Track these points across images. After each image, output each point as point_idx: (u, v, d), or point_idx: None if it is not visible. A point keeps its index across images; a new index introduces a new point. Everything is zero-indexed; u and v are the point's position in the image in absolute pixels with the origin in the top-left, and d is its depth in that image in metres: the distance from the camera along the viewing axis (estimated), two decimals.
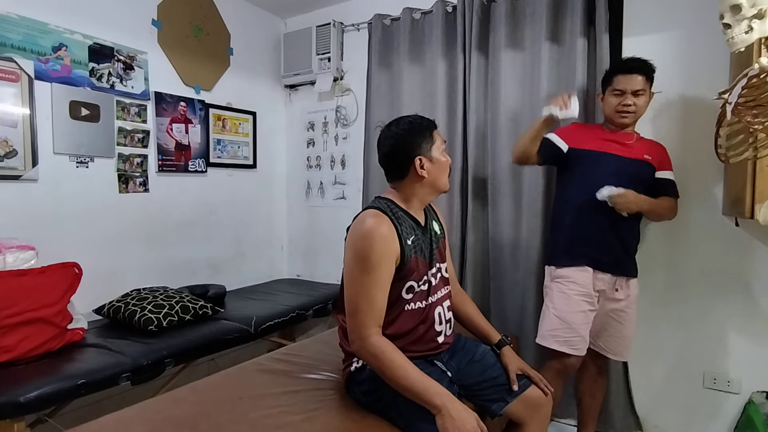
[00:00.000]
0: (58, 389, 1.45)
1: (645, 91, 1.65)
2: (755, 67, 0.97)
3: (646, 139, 1.77)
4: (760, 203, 1.45)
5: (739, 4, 1.01)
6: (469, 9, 2.25)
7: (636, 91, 1.64)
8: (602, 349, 1.76)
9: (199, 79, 2.59)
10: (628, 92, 1.65)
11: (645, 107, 1.69)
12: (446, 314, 1.33)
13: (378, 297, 1.16)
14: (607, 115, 1.73)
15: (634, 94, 1.64)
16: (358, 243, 1.17)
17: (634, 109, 1.66)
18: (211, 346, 1.92)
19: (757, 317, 1.80)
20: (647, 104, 1.69)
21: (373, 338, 1.14)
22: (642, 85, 1.64)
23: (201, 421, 1.15)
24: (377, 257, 1.15)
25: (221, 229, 2.75)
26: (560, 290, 1.70)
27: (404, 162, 1.27)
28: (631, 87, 1.64)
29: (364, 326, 1.15)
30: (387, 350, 1.13)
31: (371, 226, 1.17)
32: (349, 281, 1.19)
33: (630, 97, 1.65)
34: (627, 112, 1.66)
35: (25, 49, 1.88)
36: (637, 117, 1.70)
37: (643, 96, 1.65)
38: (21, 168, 1.88)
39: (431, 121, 1.33)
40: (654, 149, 1.73)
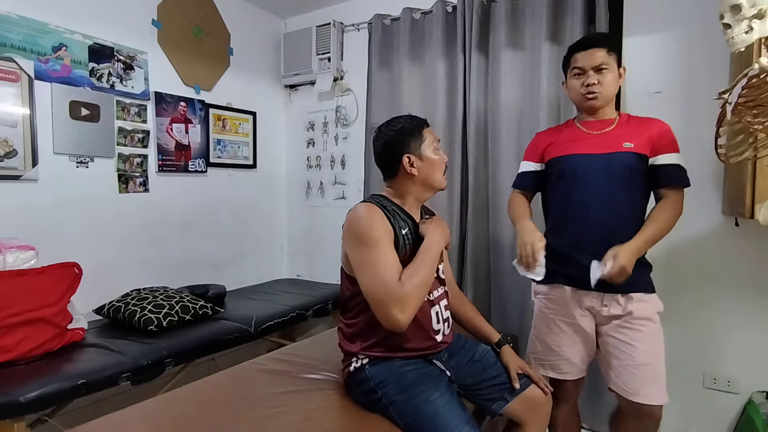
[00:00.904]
0: (58, 389, 1.45)
1: (609, 67, 1.42)
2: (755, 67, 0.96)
3: (636, 118, 1.49)
4: (760, 203, 1.45)
5: (739, 4, 1.01)
6: (469, 9, 2.25)
7: (598, 67, 1.41)
8: (618, 386, 1.41)
9: (199, 79, 2.59)
10: (589, 69, 1.42)
11: (614, 85, 1.45)
12: (443, 313, 1.33)
13: (392, 261, 1.17)
14: (574, 100, 1.52)
15: (597, 70, 1.42)
16: (356, 225, 1.20)
17: (599, 89, 1.42)
18: (211, 346, 1.92)
19: (757, 317, 1.80)
20: (617, 82, 1.45)
21: (402, 287, 1.13)
22: (604, 59, 1.41)
23: (201, 421, 1.15)
24: (378, 233, 1.18)
25: (221, 229, 2.75)
26: (539, 308, 1.57)
27: (394, 161, 1.30)
28: (590, 63, 1.42)
29: (393, 287, 1.12)
30: (410, 286, 1.13)
31: (364, 210, 1.21)
32: (360, 265, 1.18)
33: (592, 75, 1.42)
34: (592, 92, 1.43)
35: (25, 49, 1.88)
36: (606, 97, 1.45)
37: (607, 71, 1.42)
38: (21, 168, 1.88)
39: (422, 119, 1.35)
40: (641, 131, 1.43)
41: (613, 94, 1.46)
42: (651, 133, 1.41)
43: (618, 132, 1.45)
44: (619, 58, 1.47)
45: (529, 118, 2.14)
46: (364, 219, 1.19)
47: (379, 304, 1.13)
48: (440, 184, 1.34)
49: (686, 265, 1.94)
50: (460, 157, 2.31)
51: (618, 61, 1.45)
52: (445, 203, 2.34)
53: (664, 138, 1.41)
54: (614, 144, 1.42)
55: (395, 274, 1.14)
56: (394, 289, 1.12)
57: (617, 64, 1.44)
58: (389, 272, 1.14)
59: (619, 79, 1.46)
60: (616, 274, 1.27)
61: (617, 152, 1.41)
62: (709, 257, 1.88)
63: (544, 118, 2.06)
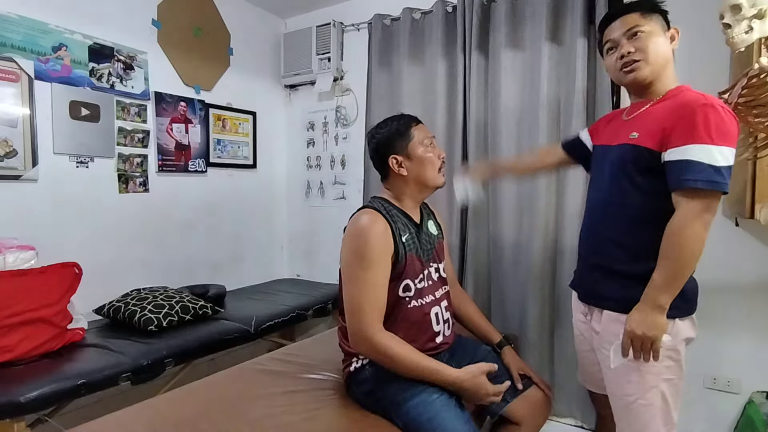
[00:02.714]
0: (58, 389, 1.45)
1: (648, 29, 1.14)
2: (755, 67, 0.97)
3: (682, 96, 1.12)
4: (760, 203, 1.45)
5: (739, 4, 1.01)
6: (469, 9, 2.25)
7: (630, 31, 1.15)
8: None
9: (199, 79, 2.59)
10: (621, 39, 1.16)
11: (662, 48, 1.14)
12: (444, 314, 1.33)
13: (379, 293, 1.17)
14: (617, 81, 1.26)
15: (631, 36, 1.15)
16: (355, 241, 1.18)
17: (639, 56, 1.13)
18: (211, 346, 1.92)
19: (757, 317, 1.80)
20: (665, 45, 1.15)
21: (378, 335, 1.14)
22: (637, 21, 1.14)
23: (201, 421, 1.15)
24: (375, 254, 1.16)
25: (221, 229, 2.75)
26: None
27: (383, 163, 1.31)
28: (620, 30, 1.16)
29: (367, 324, 1.15)
30: (393, 345, 1.14)
31: (366, 223, 1.19)
32: (348, 280, 1.19)
33: (626, 44, 1.15)
34: (630, 62, 1.15)
35: (25, 49, 1.88)
36: (652, 65, 1.14)
37: (647, 36, 1.13)
38: (21, 168, 1.88)
39: (410, 118, 1.34)
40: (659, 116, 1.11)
41: (662, 62, 1.15)
42: (668, 118, 1.08)
43: (642, 117, 1.16)
44: (666, 20, 1.19)
45: (529, 118, 2.13)
46: (364, 234, 1.18)
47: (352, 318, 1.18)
48: (434, 182, 1.32)
49: None
50: (460, 157, 2.31)
51: (666, 23, 1.18)
52: (446, 203, 2.34)
53: (679, 124, 1.04)
54: (625, 133, 1.17)
55: (376, 309, 1.17)
56: (367, 326, 1.15)
57: (664, 26, 1.17)
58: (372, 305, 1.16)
59: (670, 42, 1.17)
60: (634, 345, 1.08)
61: (620, 144, 1.18)
62: (709, 257, 1.87)
63: (544, 118, 2.06)
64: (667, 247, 1.06)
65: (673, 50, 1.19)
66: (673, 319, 1.11)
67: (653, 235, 1.09)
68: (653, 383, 1.11)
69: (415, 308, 1.26)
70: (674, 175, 1.05)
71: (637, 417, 1.14)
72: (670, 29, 1.18)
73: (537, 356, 2.07)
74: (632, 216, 1.15)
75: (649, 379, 1.11)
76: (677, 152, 1.04)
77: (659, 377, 1.11)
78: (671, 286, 1.05)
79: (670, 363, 1.12)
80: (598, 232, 1.23)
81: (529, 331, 2.09)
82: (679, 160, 1.03)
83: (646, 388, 1.12)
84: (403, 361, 1.14)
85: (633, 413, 1.14)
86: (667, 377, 1.12)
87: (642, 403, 1.12)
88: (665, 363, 1.11)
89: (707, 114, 1.01)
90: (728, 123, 1.02)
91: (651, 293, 1.06)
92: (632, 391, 1.13)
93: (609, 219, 1.20)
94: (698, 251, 1.06)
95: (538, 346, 2.09)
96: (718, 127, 1.01)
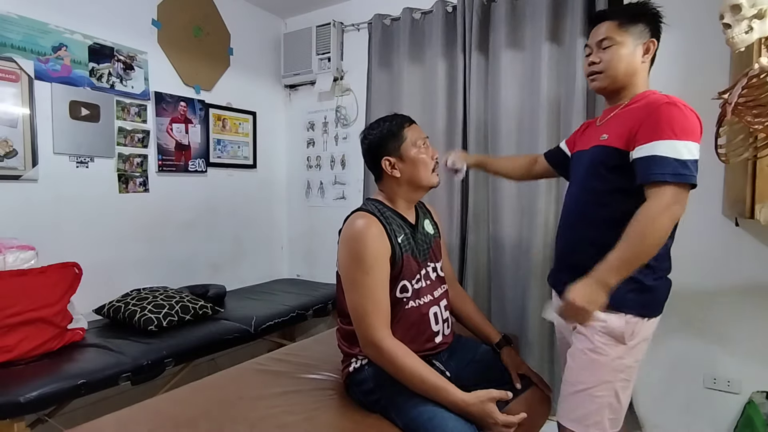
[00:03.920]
0: (58, 389, 1.45)
1: (617, 40, 1.17)
2: (755, 67, 0.97)
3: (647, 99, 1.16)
4: (760, 203, 1.45)
5: (739, 4, 1.01)
6: (469, 9, 2.25)
7: (600, 42, 1.19)
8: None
9: (199, 79, 2.59)
10: (595, 47, 1.22)
11: (622, 62, 1.18)
12: (443, 313, 1.33)
13: (382, 296, 1.17)
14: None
15: (599, 46, 1.20)
16: (352, 245, 1.18)
17: (598, 68, 1.20)
18: (211, 346, 1.92)
19: (757, 317, 1.80)
20: (633, 57, 1.18)
21: (386, 341, 1.13)
22: (608, 33, 1.18)
23: (201, 421, 1.15)
24: (373, 256, 1.16)
25: (221, 229, 2.75)
26: None
27: (376, 164, 1.31)
28: (593, 39, 1.22)
29: (375, 329, 1.14)
30: (401, 354, 1.13)
31: (362, 226, 1.18)
32: (349, 286, 1.19)
33: (595, 53, 1.21)
34: (592, 72, 1.23)
35: (25, 49, 1.88)
36: (610, 77, 1.20)
37: (615, 48, 1.17)
38: (21, 168, 1.88)
39: (402, 119, 1.33)
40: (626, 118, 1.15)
41: (623, 75, 1.20)
42: (634, 119, 1.12)
43: (613, 119, 1.22)
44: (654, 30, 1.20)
45: (529, 118, 2.13)
46: (360, 238, 1.17)
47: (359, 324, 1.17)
48: (428, 182, 1.31)
49: (686, 264, 1.93)
50: None
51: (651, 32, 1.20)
52: (446, 203, 2.34)
53: (645, 123, 1.08)
54: (597, 137, 1.23)
55: (382, 313, 1.15)
56: (375, 331, 1.14)
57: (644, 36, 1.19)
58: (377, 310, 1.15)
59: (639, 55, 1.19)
60: (566, 312, 1.08)
61: (592, 147, 1.23)
62: (709, 257, 1.88)
63: (543, 118, 2.06)
64: (630, 233, 1.05)
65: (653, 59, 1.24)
66: (644, 318, 1.15)
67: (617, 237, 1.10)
68: (609, 378, 1.14)
69: (414, 308, 1.26)
70: (642, 170, 1.07)
71: (581, 403, 1.16)
72: (647, 41, 1.19)
73: (537, 356, 2.07)
74: (604, 215, 1.17)
75: (606, 373, 1.14)
76: (644, 149, 1.07)
77: (617, 374, 1.14)
78: (623, 270, 1.05)
79: (631, 362, 1.16)
80: (573, 231, 1.26)
81: (529, 331, 2.09)
82: (647, 157, 1.06)
83: (601, 380, 1.14)
84: (410, 374, 1.12)
85: (578, 399, 1.16)
86: (624, 376, 1.15)
87: (591, 393, 1.15)
88: (627, 361, 1.14)
89: (670, 112, 1.06)
90: (690, 120, 1.06)
91: (603, 271, 1.06)
92: (586, 380, 1.16)
93: (583, 219, 1.23)
94: (659, 242, 1.06)
95: (538, 346, 2.09)
96: (681, 124, 1.05)
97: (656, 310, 1.18)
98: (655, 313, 1.18)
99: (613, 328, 1.13)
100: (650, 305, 1.16)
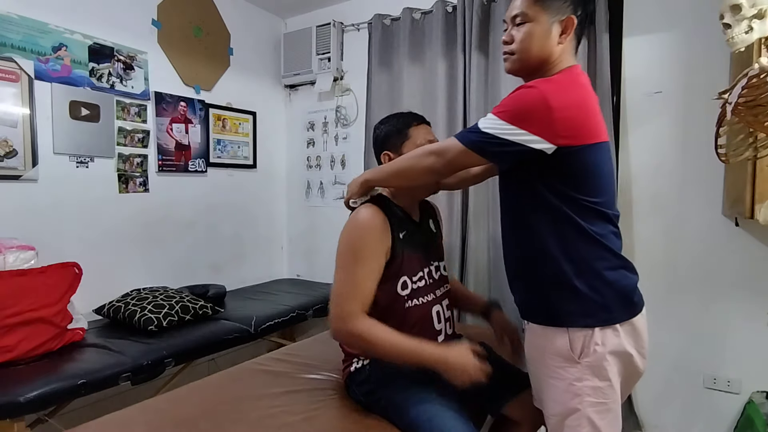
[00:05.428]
0: (58, 389, 1.45)
1: (530, 16, 1.03)
2: (755, 67, 0.96)
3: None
4: (760, 203, 1.45)
5: (739, 4, 1.01)
6: (469, 9, 2.25)
7: (514, 17, 1.06)
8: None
9: (199, 79, 2.59)
10: (510, 23, 1.08)
11: (538, 43, 1.03)
12: (445, 312, 1.33)
13: (365, 285, 1.15)
14: None
15: (513, 22, 1.07)
16: (353, 233, 1.19)
17: (509, 48, 1.07)
18: (211, 346, 1.92)
19: (757, 317, 1.80)
20: (546, 38, 1.03)
21: (358, 319, 1.11)
22: (523, 7, 1.04)
23: (201, 421, 1.15)
24: (371, 247, 1.16)
25: (221, 229, 2.75)
26: None
27: (378, 158, 1.33)
28: (508, 13, 1.08)
29: (349, 312, 1.12)
30: (370, 328, 1.11)
31: (366, 217, 1.19)
32: (338, 268, 1.18)
33: (509, 31, 1.08)
34: (504, 52, 1.09)
35: (25, 49, 1.88)
36: (521, 60, 1.06)
37: (529, 27, 1.03)
38: (21, 168, 1.88)
39: (412, 118, 1.32)
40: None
41: (532, 56, 1.05)
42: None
43: None
44: (575, 4, 1.05)
45: None
46: (360, 230, 1.18)
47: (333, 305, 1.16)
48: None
49: (686, 265, 1.93)
50: None
51: (573, 8, 1.05)
52: (446, 203, 2.34)
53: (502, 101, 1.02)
54: None
55: (358, 296, 1.13)
56: (345, 311, 1.12)
57: (563, 12, 1.04)
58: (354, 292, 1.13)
59: (555, 34, 1.04)
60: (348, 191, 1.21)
61: None
62: (709, 257, 1.88)
63: None
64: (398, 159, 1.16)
65: (579, 39, 1.10)
66: (592, 329, 0.99)
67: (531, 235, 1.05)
68: (575, 405, 1.00)
69: (415, 307, 1.26)
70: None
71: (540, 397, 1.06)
72: (565, 18, 1.03)
73: None
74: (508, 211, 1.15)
75: (568, 399, 1.01)
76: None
77: (582, 399, 0.99)
78: (381, 173, 1.18)
79: (597, 383, 0.99)
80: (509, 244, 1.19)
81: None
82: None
83: (568, 409, 1.01)
84: (382, 344, 1.09)
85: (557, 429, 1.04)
86: (594, 400, 0.99)
87: (568, 425, 1.01)
88: (589, 382, 0.99)
89: (516, 92, 1.00)
90: (528, 103, 0.96)
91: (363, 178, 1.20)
92: (555, 410, 1.04)
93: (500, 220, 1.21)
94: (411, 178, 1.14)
95: None
96: (511, 104, 0.98)
97: (606, 317, 1.00)
98: (607, 321, 0.99)
99: (559, 347, 1.01)
100: (594, 313, 0.99)
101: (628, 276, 1.05)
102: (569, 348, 1.00)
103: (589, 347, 0.98)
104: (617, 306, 1.01)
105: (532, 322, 1.09)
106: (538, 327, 1.07)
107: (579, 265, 1.00)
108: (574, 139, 0.96)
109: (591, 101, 1.04)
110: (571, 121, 0.96)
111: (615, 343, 0.99)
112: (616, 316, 1.00)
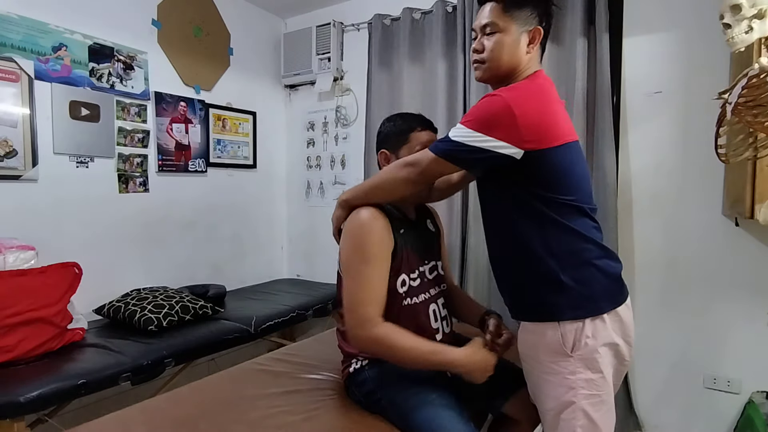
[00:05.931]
0: (58, 389, 1.45)
1: (500, 26, 1.07)
2: (755, 67, 0.96)
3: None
4: (760, 203, 1.45)
5: (739, 4, 1.01)
6: (469, 9, 2.25)
7: (484, 27, 1.09)
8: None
9: (199, 79, 2.59)
10: (479, 32, 1.11)
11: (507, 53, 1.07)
12: (441, 311, 1.32)
13: (379, 286, 1.15)
14: None
15: (483, 31, 1.10)
16: (356, 233, 1.18)
17: (480, 57, 1.11)
18: (211, 346, 1.92)
19: (757, 317, 1.80)
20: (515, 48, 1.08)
21: (378, 327, 1.12)
22: (493, 17, 1.07)
23: (201, 421, 1.15)
24: (377, 249, 1.15)
25: (221, 229, 2.75)
26: None
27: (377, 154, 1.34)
28: (477, 22, 1.11)
29: (368, 318, 1.12)
30: (391, 333, 1.11)
31: (367, 216, 1.18)
32: (348, 273, 1.18)
33: (479, 40, 1.11)
34: (475, 61, 1.13)
35: (25, 49, 1.88)
36: (492, 69, 1.10)
37: (499, 37, 1.07)
38: (21, 168, 1.88)
39: (418, 122, 1.29)
40: None
41: (502, 65, 1.09)
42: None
43: None
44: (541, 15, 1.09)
45: None
46: (364, 228, 1.16)
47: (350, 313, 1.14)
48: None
49: (686, 265, 1.93)
50: None
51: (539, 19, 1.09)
52: (446, 203, 2.34)
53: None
54: None
55: (377, 301, 1.13)
56: (367, 319, 1.12)
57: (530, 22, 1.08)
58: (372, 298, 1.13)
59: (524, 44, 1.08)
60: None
61: None
62: (709, 257, 1.88)
63: None
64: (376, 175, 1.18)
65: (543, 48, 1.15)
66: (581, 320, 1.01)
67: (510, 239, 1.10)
68: (569, 398, 1.02)
69: (411, 305, 1.25)
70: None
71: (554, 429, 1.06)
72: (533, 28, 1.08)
73: None
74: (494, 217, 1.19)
75: (563, 392, 1.03)
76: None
77: (576, 392, 1.01)
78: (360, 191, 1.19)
79: (590, 375, 1.01)
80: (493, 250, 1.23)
81: None
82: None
83: (563, 403, 1.03)
84: (405, 350, 1.10)
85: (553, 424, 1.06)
86: (587, 392, 1.01)
87: (563, 418, 1.03)
88: (582, 375, 1.01)
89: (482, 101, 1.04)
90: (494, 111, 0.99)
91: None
92: (550, 405, 1.06)
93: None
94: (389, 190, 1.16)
95: None
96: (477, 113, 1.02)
97: (593, 308, 1.02)
98: (595, 312, 1.02)
99: (550, 342, 1.03)
100: (583, 304, 1.02)
101: (611, 265, 1.07)
102: (561, 342, 1.02)
103: (580, 340, 1.01)
104: (603, 296, 1.04)
105: (524, 320, 1.12)
106: (530, 324, 1.09)
107: (563, 259, 1.03)
108: (539, 142, 0.99)
109: (554, 104, 1.08)
110: (535, 126, 0.99)
111: (605, 335, 1.02)
112: (603, 306, 1.03)
